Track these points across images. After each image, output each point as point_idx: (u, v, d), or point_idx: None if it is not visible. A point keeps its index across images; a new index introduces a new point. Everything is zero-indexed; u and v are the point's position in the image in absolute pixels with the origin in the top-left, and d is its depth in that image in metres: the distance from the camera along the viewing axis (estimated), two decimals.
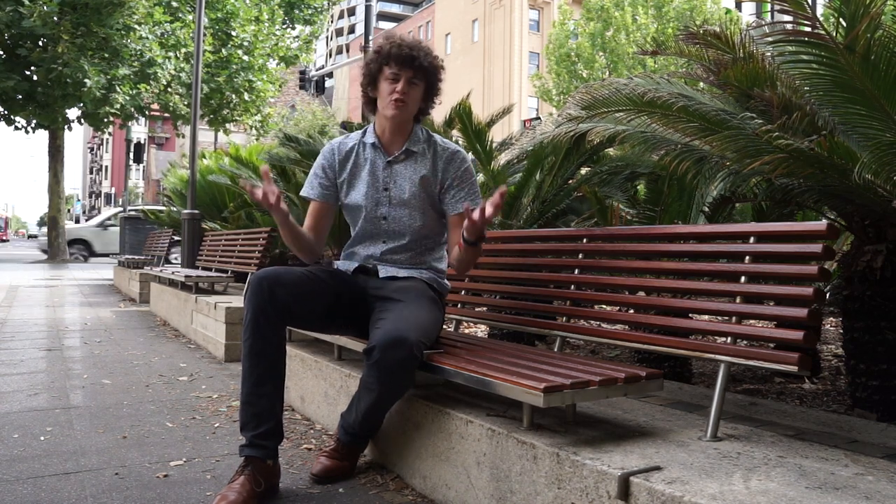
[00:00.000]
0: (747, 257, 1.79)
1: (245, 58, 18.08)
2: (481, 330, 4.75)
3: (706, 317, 2.13)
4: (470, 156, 4.42)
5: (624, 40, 23.84)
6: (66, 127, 17.29)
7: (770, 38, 2.62)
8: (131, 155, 24.57)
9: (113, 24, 14.78)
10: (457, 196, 2.26)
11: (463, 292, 2.85)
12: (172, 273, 6.14)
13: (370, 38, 15.04)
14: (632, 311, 2.26)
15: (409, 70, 2.16)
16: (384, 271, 2.27)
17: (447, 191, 2.27)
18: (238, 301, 4.72)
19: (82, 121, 17.19)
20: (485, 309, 2.81)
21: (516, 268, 2.72)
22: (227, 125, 19.20)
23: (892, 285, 2.46)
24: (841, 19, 2.04)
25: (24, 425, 2.74)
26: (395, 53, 2.15)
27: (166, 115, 18.65)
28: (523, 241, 2.81)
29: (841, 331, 2.76)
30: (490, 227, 3.98)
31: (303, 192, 2.38)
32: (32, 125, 16.73)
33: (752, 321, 1.99)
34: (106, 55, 15.25)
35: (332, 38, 73.31)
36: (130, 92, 15.85)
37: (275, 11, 19.61)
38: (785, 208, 2.95)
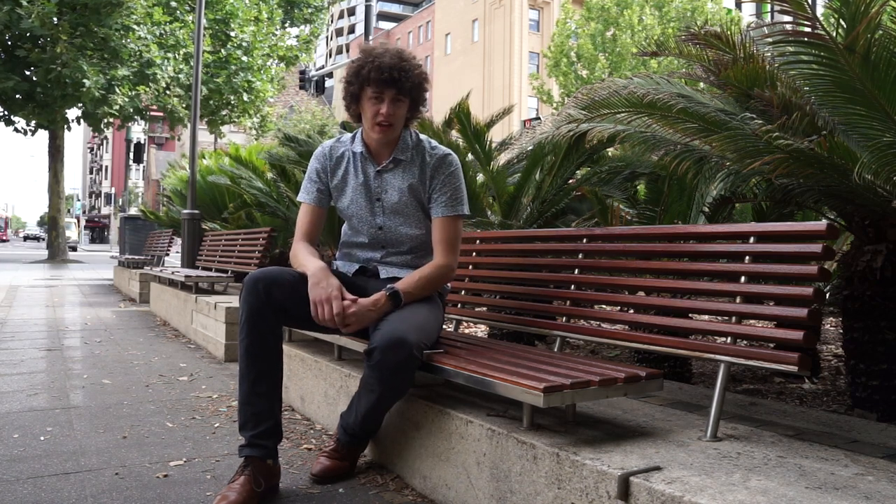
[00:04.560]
0: (747, 257, 1.79)
1: (244, 58, 18.07)
2: (481, 330, 4.75)
3: (706, 317, 2.13)
4: (470, 157, 4.43)
5: (629, 40, 23.78)
6: (65, 127, 17.30)
7: (770, 39, 2.63)
8: (131, 155, 24.60)
9: (112, 25, 14.79)
10: (439, 200, 2.23)
11: (463, 292, 2.85)
12: (172, 273, 6.13)
13: (370, 38, 15.05)
14: (632, 311, 2.26)
15: (391, 89, 2.10)
16: (385, 272, 2.28)
17: (432, 194, 2.25)
18: (238, 301, 4.72)
19: (81, 121, 17.20)
20: (485, 309, 2.82)
21: (516, 268, 2.72)
22: (225, 127, 19.17)
23: (892, 285, 2.46)
24: (841, 20, 2.05)
25: (24, 425, 2.74)
26: (375, 78, 2.08)
27: (164, 116, 18.65)
28: (523, 241, 2.81)
29: (841, 331, 2.76)
30: (490, 226, 4.00)
31: (301, 198, 2.35)
32: (32, 126, 16.73)
33: (752, 321, 1.99)
34: (105, 55, 15.25)
35: (332, 38, 73.32)
36: (129, 94, 15.84)
37: (274, 11, 19.60)
38: (785, 208, 2.95)
